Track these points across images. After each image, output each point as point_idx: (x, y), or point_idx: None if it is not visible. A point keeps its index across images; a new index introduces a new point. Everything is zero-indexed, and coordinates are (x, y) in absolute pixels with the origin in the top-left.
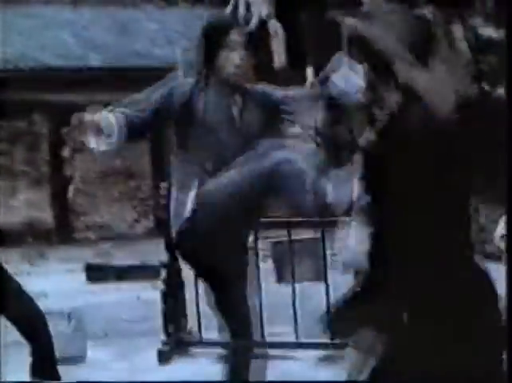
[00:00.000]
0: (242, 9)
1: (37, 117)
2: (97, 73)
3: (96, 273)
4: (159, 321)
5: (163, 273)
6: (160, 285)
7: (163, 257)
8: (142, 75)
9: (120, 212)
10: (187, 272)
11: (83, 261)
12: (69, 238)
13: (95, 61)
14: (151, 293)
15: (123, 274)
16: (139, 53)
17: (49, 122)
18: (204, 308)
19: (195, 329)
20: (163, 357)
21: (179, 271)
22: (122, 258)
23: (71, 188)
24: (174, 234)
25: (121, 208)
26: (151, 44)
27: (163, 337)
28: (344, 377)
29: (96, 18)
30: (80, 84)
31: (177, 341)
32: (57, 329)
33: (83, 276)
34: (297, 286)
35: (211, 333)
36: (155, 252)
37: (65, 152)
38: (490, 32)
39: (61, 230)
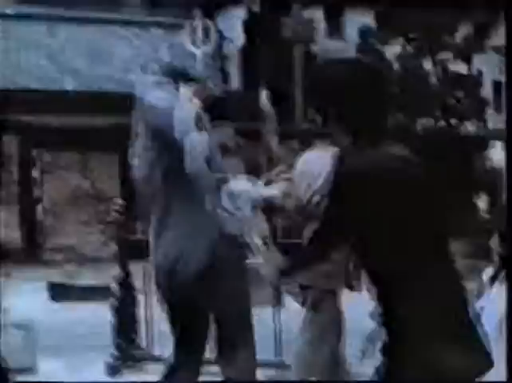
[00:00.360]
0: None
1: (7, 138)
2: (71, 96)
3: (60, 292)
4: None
5: (116, 289)
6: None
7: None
8: (115, 100)
9: (88, 235)
10: (140, 289)
11: (48, 281)
12: (36, 259)
13: (69, 84)
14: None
15: (85, 294)
16: (113, 78)
17: (19, 143)
18: (156, 324)
19: (146, 344)
20: (112, 371)
21: (131, 288)
22: (87, 279)
23: (39, 209)
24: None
25: (89, 231)
26: (125, 69)
27: (112, 350)
28: None
29: (71, 41)
30: (53, 106)
31: (126, 355)
32: (8, 340)
33: (46, 295)
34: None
35: (162, 348)
36: None
37: (35, 173)
38: (459, 67)
39: (29, 251)
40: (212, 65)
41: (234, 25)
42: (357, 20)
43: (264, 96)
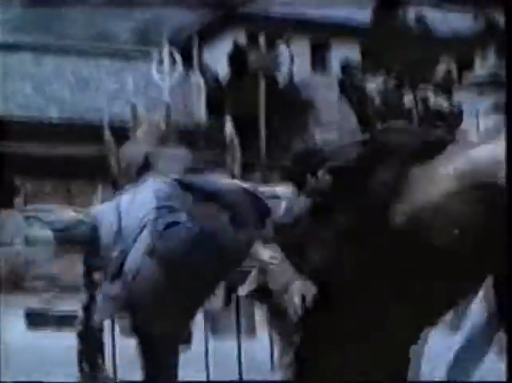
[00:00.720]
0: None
1: None
2: (55, 125)
3: (36, 319)
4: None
5: (81, 314)
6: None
7: None
8: (98, 130)
9: (69, 263)
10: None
11: (27, 308)
12: (17, 287)
13: (53, 113)
14: None
15: (62, 321)
16: (97, 109)
17: (2, 170)
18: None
19: (111, 370)
20: None
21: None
22: (66, 307)
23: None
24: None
25: (70, 259)
26: (109, 100)
27: (78, 376)
28: None
29: (58, 71)
30: (37, 135)
31: (91, 381)
32: None
33: (23, 322)
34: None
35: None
36: None
37: (18, 201)
38: (440, 102)
39: (10, 279)
40: (177, 94)
41: (219, 57)
42: (343, 53)
43: (229, 124)
